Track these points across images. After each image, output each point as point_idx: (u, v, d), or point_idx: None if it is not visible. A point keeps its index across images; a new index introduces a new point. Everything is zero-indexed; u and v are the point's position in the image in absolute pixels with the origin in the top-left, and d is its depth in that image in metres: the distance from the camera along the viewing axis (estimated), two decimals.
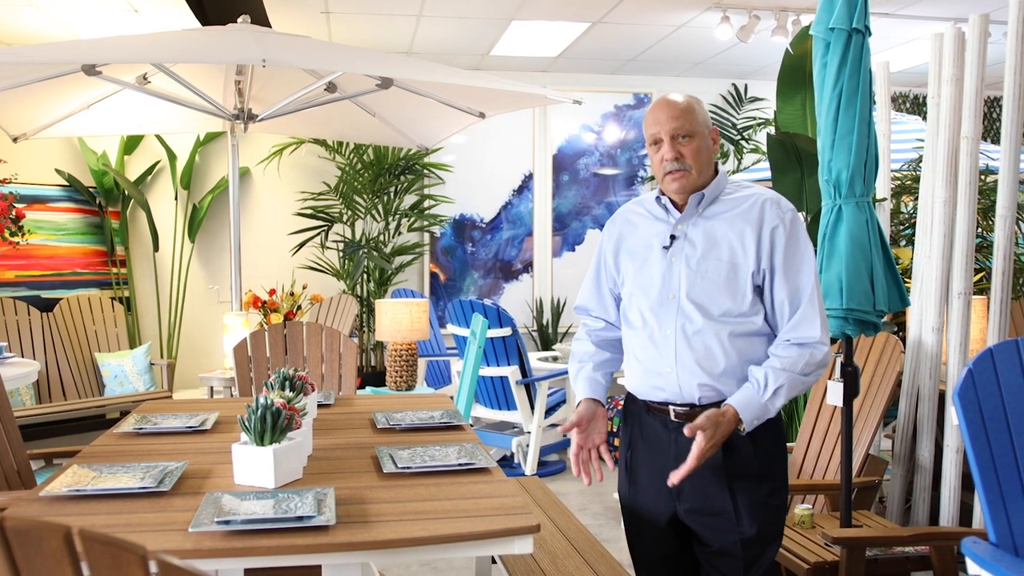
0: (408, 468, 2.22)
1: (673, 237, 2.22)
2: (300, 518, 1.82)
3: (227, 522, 1.79)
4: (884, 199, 4.00)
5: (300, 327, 3.84)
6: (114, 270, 7.04)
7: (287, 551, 1.72)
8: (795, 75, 4.20)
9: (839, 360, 2.92)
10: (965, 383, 1.96)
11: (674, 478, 2.05)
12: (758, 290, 2.14)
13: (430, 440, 2.58)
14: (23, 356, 6.05)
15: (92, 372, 6.39)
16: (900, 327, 4.46)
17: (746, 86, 7.95)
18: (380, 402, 3.24)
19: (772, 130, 6.40)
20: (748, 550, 2.16)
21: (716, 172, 2.23)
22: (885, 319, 4.18)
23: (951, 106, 3.40)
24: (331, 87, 5.31)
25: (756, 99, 7.92)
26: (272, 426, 2.12)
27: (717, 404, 2.12)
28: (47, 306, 6.35)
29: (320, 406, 3.12)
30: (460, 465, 2.25)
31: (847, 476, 2.96)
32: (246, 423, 2.13)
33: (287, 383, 2.60)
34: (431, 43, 6.79)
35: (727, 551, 2.18)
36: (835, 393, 2.88)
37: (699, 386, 2.16)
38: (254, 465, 2.12)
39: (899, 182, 5.02)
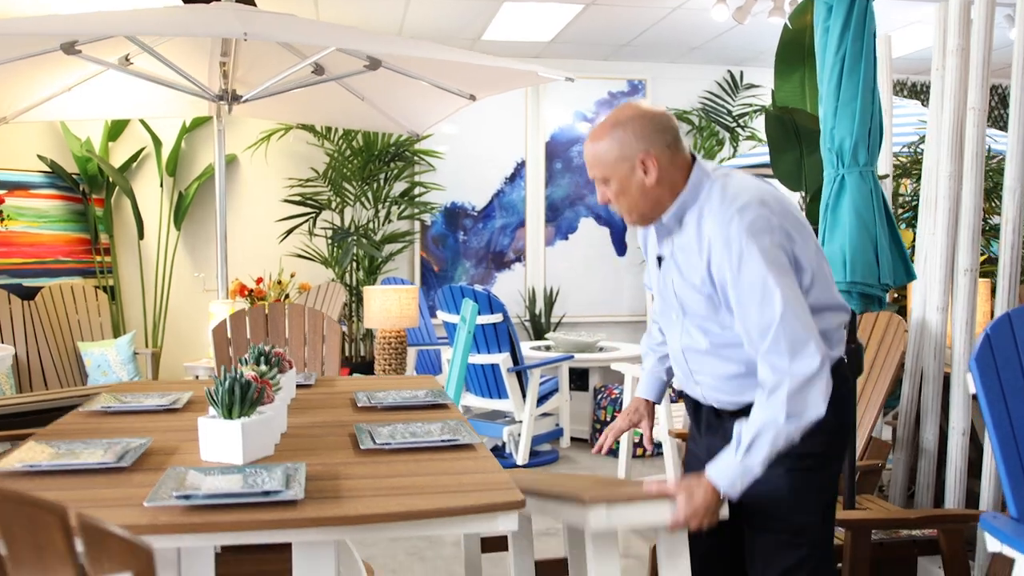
0: (387, 444, 2.09)
1: (660, 258, 2.12)
2: (267, 492, 1.69)
3: (187, 496, 1.66)
4: (886, 176, 3.88)
5: (282, 308, 3.71)
6: (98, 258, 6.89)
7: (250, 527, 1.59)
8: (793, 50, 4.07)
9: None
10: (982, 349, 1.83)
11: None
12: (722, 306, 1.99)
13: (414, 418, 2.45)
14: (14, 346, 5.91)
15: (74, 361, 6.25)
16: (902, 311, 4.33)
17: (742, 73, 7.83)
18: (364, 383, 3.11)
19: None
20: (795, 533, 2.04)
21: (683, 184, 2.00)
22: (888, 300, 4.06)
23: (956, 77, 3.28)
24: (318, 69, 5.18)
25: (752, 86, 7.80)
26: (241, 399, 1.99)
27: (743, 408, 2.00)
28: (29, 294, 6.21)
29: (300, 387, 2.99)
30: (443, 441, 2.12)
31: (850, 459, 2.83)
32: (213, 395, 2.00)
33: (262, 358, 2.47)
34: (420, 27, 6.65)
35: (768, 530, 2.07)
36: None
37: (716, 397, 2.11)
38: (221, 440, 1.99)
39: (900, 165, 4.90)
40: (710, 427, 2.18)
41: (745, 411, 1.98)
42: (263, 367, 2.28)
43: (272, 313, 3.68)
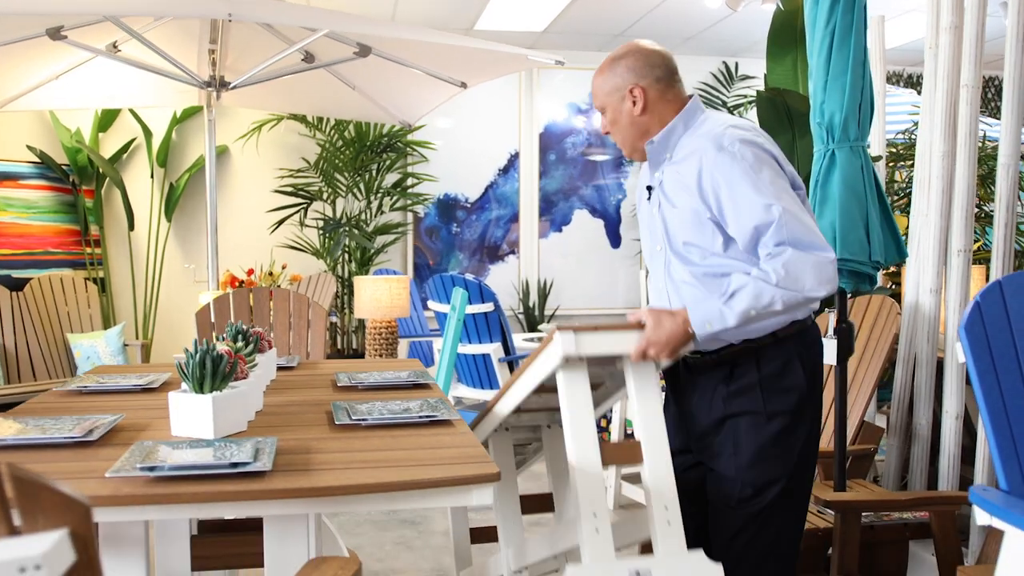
0: (363, 420, 2.04)
1: (650, 188, 2.18)
2: (234, 464, 1.63)
3: (152, 468, 1.61)
4: (879, 158, 3.82)
5: (267, 293, 3.65)
6: (88, 250, 6.83)
7: (216, 498, 1.53)
8: (786, 33, 4.02)
9: (832, 317, 2.74)
10: (972, 317, 1.78)
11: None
12: (700, 219, 2.03)
13: (393, 397, 2.39)
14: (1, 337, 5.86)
15: (64, 353, 6.19)
16: (896, 296, 4.28)
17: (736, 64, 7.79)
18: (347, 365, 3.06)
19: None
20: (744, 504, 2.03)
21: (669, 116, 2.11)
22: (881, 283, 4.01)
23: (950, 55, 3.23)
24: (308, 57, 5.13)
25: (747, 77, 7.75)
26: (213, 372, 1.94)
27: (737, 348, 2.03)
28: (18, 286, 6.15)
29: (282, 369, 2.94)
30: (420, 418, 2.07)
31: (840, 442, 2.78)
32: (184, 368, 1.94)
33: (239, 336, 2.42)
34: (412, 17, 6.60)
35: (723, 504, 2.07)
36: (828, 351, 2.70)
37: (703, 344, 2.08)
38: (192, 415, 1.93)
39: (894, 153, 4.86)
40: (675, 389, 2.21)
41: (719, 361, 2.04)
42: (239, 344, 2.23)
43: (257, 297, 3.63)
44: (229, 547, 2.40)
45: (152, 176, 7.02)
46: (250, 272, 6.55)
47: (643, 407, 1.98)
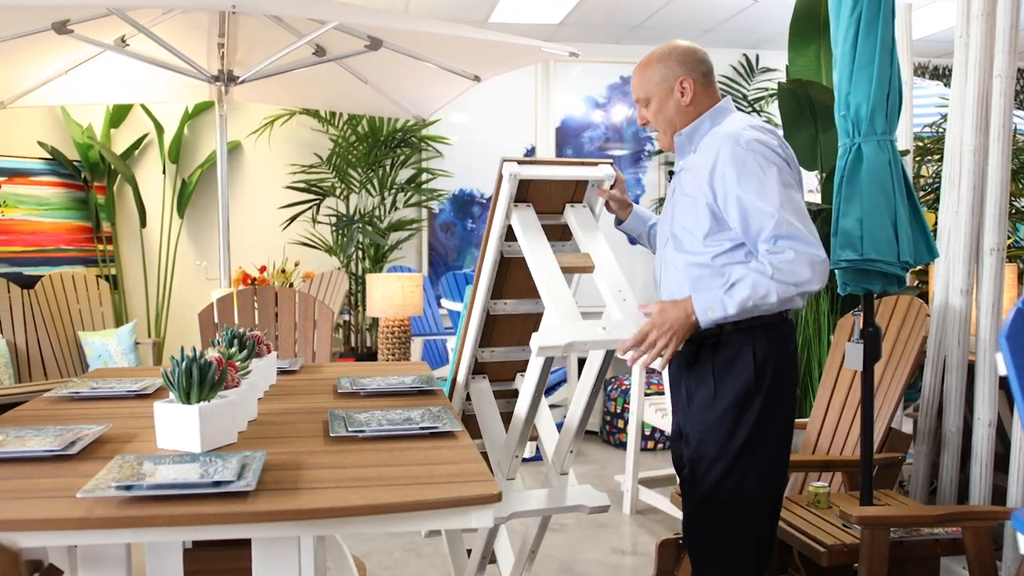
0: (360, 432, 1.93)
1: (671, 173, 2.19)
2: (217, 483, 1.53)
3: (128, 487, 1.50)
4: (907, 152, 3.67)
5: (272, 292, 3.55)
6: (100, 247, 6.77)
7: (194, 521, 1.43)
8: (809, 22, 3.88)
9: (858, 320, 2.60)
10: (1015, 325, 1.65)
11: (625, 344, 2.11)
12: (716, 221, 2.15)
13: (397, 404, 2.28)
14: (2, 335, 5.80)
15: (75, 351, 6.13)
16: (923, 296, 4.13)
17: (757, 56, 7.61)
18: (351, 369, 2.95)
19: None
20: (689, 486, 2.24)
21: (704, 110, 2.26)
22: (908, 283, 3.86)
23: (981, 43, 3.07)
24: (319, 51, 5.04)
25: (768, 69, 7.58)
26: (200, 381, 1.83)
27: (701, 331, 2.14)
28: (29, 283, 6.09)
29: (283, 373, 2.83)
30: (421, 429, 1.96)
31: (867, 451, 2.65)
32: (170, 377, 1.84)
33: (235, 340, 2.31)
34: (426, 8, 6.48)
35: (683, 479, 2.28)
36: (855, 356, 2.57)
37: None
38: (178, 426, 1.83)
39: (921, 146, 4.69)
40: (673, 378, 2.37)
41: (694, 336, 2.16)
42: (231, 349, 2.13)
43: (261, 297, 3.53)
44: (225, 562, 2.29)
45: (164, 172, 6.95)
46: (262, 269, 6.46)
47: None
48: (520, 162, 2.32)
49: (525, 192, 2.40)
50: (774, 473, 2.20)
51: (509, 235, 2.45)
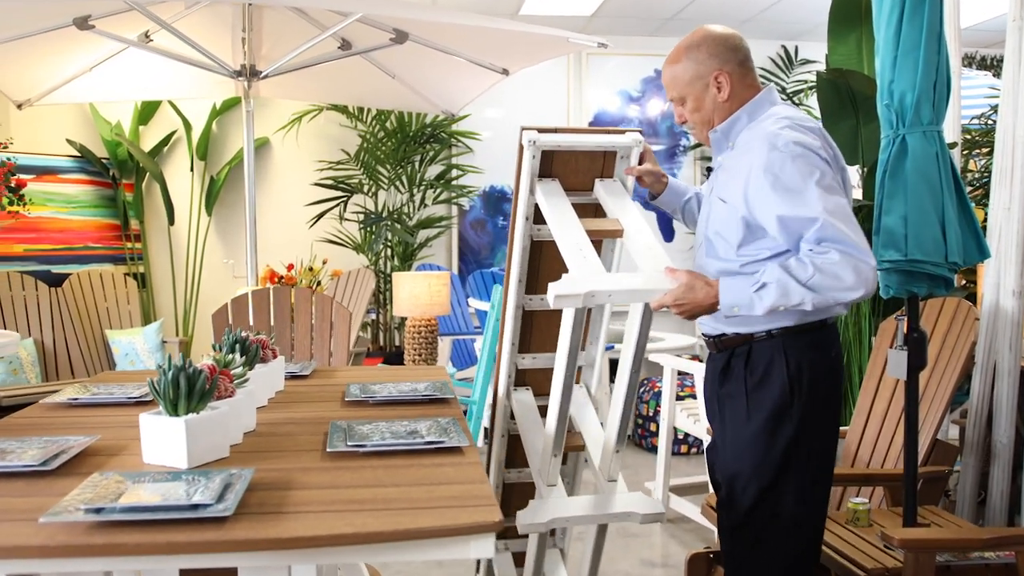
0: (360, 447, 1.80)
1: (709, 170, 2.03)
2: (195, 507, 1.41)
3: (99, 510, 1.38)
4: (955, 144, 3.46)
5: (287, 292, 3.44)
6: (128, 245, 6.73)
7: (164, 550, 1.30)
8: (850, 9, 3.68)
9: (902, 325, 2.42)
10: None
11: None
12: (751, 232, 1.99)
13: (405, 415, 2.15)
14: (30, 334, 5.77)
15: (103, 350, 6.08)
16: (971, 297, 3.92)
17: (796, 48, 7.39)
18: (365, 373, 2.82)
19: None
20: (725, 504, 2.10)
21: (744, 102, 2.09)
22: (955, 283, 3.66)
23: None
24: (345, 44, 4.94)
25: (807, 61, 7.36)
26: (188, 392, 1.71)
27: (730, 338, 2.07)
28: (57, 281, 6.06)
29: (294, 377, 2.72)
30: (427, 444, 1.82)
31: (911, 466, 2.46)
32: (156, 387, 1.72)
33: (237, 345, 2.20)
34: (454, 1, 6.35)
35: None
36: (898, 364, 2.39)
37: (704, 323, 2.14)
38: (164, 440, 1.71)
39: (969, 139, 4.47)
40: (706, 387, 2.25)
41: (719, 347, 2.11)
42: (230, 356, 2.01)
43: (277, 298, 3.42)
44: None
45: (192, 169, 6.90)
46: (290, 267, 6.39)
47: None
48: (541, 130, 2.17)
49: (549, 167, 2.25)
50: (816, 490, 2.05)
51: (538, 218, 2.29)
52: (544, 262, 2.37)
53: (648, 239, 2.07)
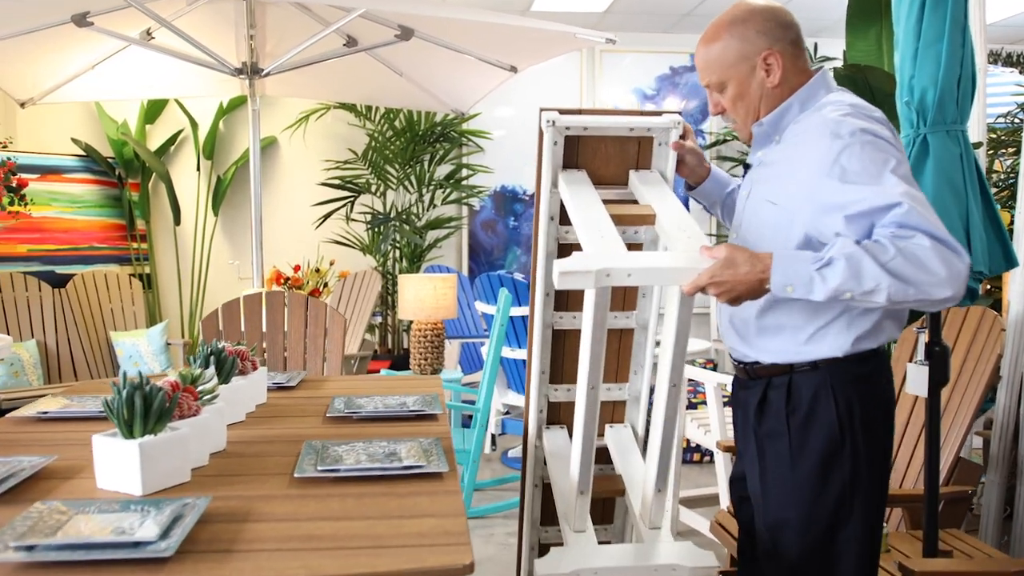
0: (332, 471, 1.66)
1: (747, 167, 1.85)
2: (136, 544, 1.28)
3: (30, 548, 1.26)
4: (980, 144, 3.29)
5: (281, 297, 3.32)
6: (134, 245, 6.64)
7: None
8: (869, 3, 3.52)
9: (923, 337, 2.27)
10: None
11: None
12: (807, 241, 1.68)
13: (388, 432, 2.02)
14: (32, 335, 5.69)
15: (106, 352, 6.00)
16: (996, 306, 3.74)
17: (816, 45, 7.21)
18: (354, 385, 2.69)
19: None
20: (771, 556, 1.82)
21: (795, 89, 1.79)
22: (979, 292, 3.48)
23: None
24: (351, 41, 4.83)
25: (826, 58, 7.17)
26: (144, 412, 1.58)
27: (766, 367, 1.80)
28: (62, 282, 5.98)
29: (279, 388, 2.59)
30: (403, 469, 1.68)
31: (932, 488, 2.31)
32: (110, 406, 1.59)
33: (211, 357, 2.07)
34: None
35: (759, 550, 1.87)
36: (918, 380, 2.23)
37: (732, 345, 1.88)
38: (118, 464, 1.58)
39: (994, 138, 4.29)
40: (736, 399, 1.96)
41: (753, 375, 1.82)
42: (198, 371, 1.88)
43: (270, 303, 3.30)
44: None
45: (199, 169, 6.80)
46: (296, 268, 6.28)
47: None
48: (562, 111, 1.88)
49: (575, 157, 1.96)
50: (874, 538, 1.81)
51: (565, 219, 2.00)
52: None
53: (682, 218, 1.77)
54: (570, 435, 2.14)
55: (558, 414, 2.20)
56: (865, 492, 1.76)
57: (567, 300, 2.12)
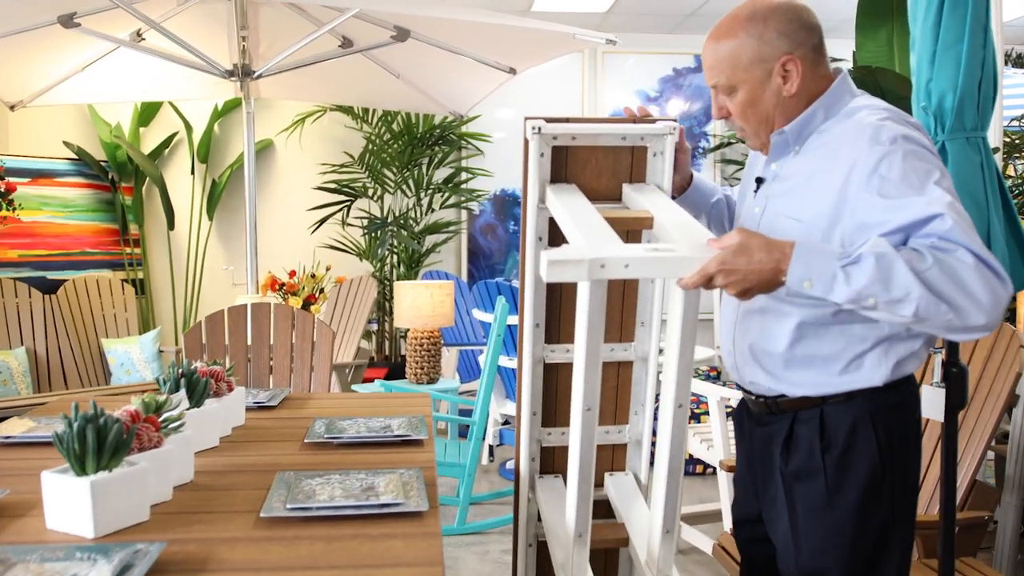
0: (301, 509, 1.53)
1: (760, 180, 1.70)
2: None
3: None
4: (997, 149, 3.16)
5: (267, 309, 3.19)
6: (127, 250, 6.52)
7: None
8: (880, 2, 3.39)
9: (939, 358, 2.13)
10: None
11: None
12: None
13: (368, 462, 1.89)
14: (22, 343, 5.58)
15: (98, 360, 5.88)
16: (1010, 316, 3.61)
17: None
18: (339, 405, 2.56)
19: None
20: None
21: (814, 97, 1.64)
22: None
23: None
24: (346, 43, 4.71)
25: (834, 60, 7.01)
26: (96, 448, 1.46)
27: (793, 400, 1.65)
28: (53, 288, 5.87)
29: (259, 408, 2.46)
30: (380, 507, 1.55)
31: (948, 514, 2.18)
32: (60, 440, 1.47)
33: (181, 380, 1.94)
34: None
35: None
36: (934, 404, 2.10)
37: (751, 379, 1.71)
38: (69, 504, 1.45)
39: (1009, 141, 4.16)
40: (742, 437, 1.84)
41: (776, 410, 1.67)
42: (162, 397, 1.75)
43: (255, 315, 3.17)
44: None
45: (193, 172, 6.68)
46: (291, 274, 6.15)
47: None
48: (550, 120, 1.77)
49: (563, 170, 1.83)
50: (906, 570, 1.69)
51: (554, 240, 1.84)
52: (568, 298, 1.89)
53: (683, 217, 1.63)
54: (566, 483, 1.93)
55: (552, 462, 2.02)
56: (902, 527, 1.66)
57: (559, 332, 1.96)
